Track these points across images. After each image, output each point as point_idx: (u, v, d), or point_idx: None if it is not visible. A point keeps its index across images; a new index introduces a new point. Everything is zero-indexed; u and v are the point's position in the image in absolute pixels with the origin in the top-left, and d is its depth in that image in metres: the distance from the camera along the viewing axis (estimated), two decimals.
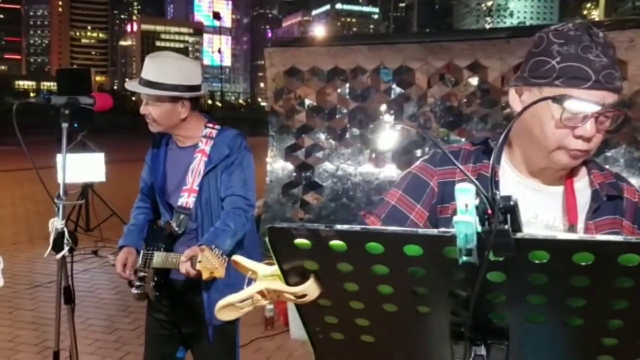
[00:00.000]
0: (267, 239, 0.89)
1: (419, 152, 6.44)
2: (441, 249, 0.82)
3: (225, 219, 2.35)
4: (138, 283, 2.50)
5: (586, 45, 1.18)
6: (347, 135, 6.85)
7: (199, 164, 2.42)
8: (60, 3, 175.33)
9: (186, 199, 2.40)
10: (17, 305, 5.12)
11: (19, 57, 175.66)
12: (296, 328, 4.46)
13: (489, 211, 0.77)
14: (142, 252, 2.50)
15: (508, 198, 0.77)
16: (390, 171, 6.60)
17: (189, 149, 2.49)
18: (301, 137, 7.06)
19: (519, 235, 0.78)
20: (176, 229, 2.41)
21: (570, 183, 1.32)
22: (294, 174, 7.10)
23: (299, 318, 3.38)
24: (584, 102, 1.16)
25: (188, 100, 2.41)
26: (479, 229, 0.77)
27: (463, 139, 6.29)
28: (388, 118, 6.70)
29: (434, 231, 0.81)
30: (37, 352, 4.20)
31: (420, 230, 0.82)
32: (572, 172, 1.33)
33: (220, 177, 2.43)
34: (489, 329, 0.95)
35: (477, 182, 0.78)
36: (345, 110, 6.88)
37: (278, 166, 7.16)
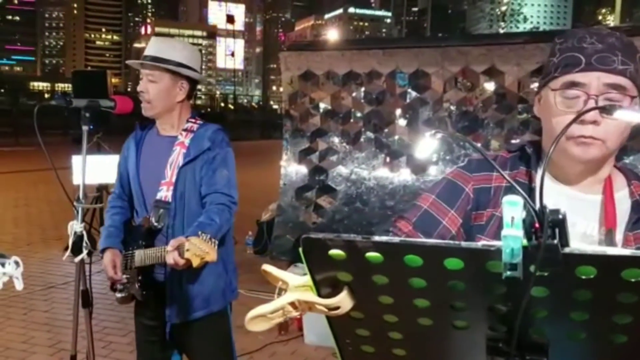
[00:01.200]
0: (300, 249, 0.87)
1: (435, 156, 6.40)
2: (484, 263, 0.79)
3: (209, 213, 2.31)
4: (121, 286, 2.48)
5: (581, 37, 1.23)
6: (362, 139, 6.83)
7: (177, 156, 2.40)
8: (75, 5, 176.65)
9: (165, 193, 2.39)
10: (32, 307, 5.13)
11: (33, 58, 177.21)
12: (310, 333, 4.43)
13: (537, 225, 0.74)
14: (122, 254, 2.47)
15: (557, 212, 0.74)
16: (405, 176, 6.57)
17: (168, 139, 2.46)
18: (315, 140, 7.04)
19: (567, 250, 0.75)
20: (155, 223, 2.39)
21: (609, 192, 1.28)
22: (308, 178, 7.09)
23: (313, 323, 3.40)
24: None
25: (187, 82, 2.42)
26: (526, 243, 0.74)
27: (478, 144, 6.24)
28: (403, 122, 6.67)
29: (478, 245, 0.78)
30: (51, 354, 4.20)
31: (464, 244, 0.79)
32: (611, 182, 1.30)
33: (199, 171, 2.39)
34: (528, 344, 0.91)
35: (525, 195, 0.75)
36: (359, 114, 6.86)
37: (292, 170, 7.15)
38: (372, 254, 0.83)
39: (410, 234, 1.33)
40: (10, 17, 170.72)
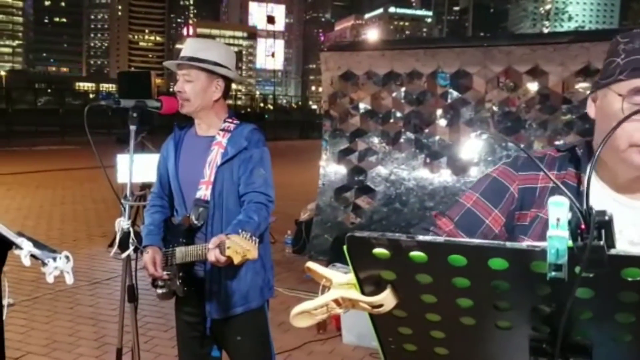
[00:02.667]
0: (344, 247, 0.88)
1: (477, 157, 6.34)
2: (529, 264, 0.79)
3: (247, 212, 2.36)
4: (162, 283, 2.53)
5: None
6: (402, 140, 6.80)
7: (215, 156, 2.45)
8: (119, 7, 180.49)
9: (204, 192, 2.43)
10: (77, 301, 5.27)
11: (79, 59, 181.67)
12: (348, 333, 4.44)
13: (583, 226, 0.74)
14: (162, 251, 2.53)
15: (603, 213, 0.74)
16: (446, 176, 6.52)
17: (206, 139, 2.51)
18: (355, 140, 7.05)
19: (613, 251, 0.75)
20: (195, 222, 2.43)
21: None
22: (347, 178, 7.10)
23: (351, 323, 3.41)
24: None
25: (222, 81, 2.47)
26: (572, 244, 0.74)
27: (522, 145, 6.16)
28: (443, 123, 6.62)
29: (523, 245, 0.78)
30: (96, 347, 4.31)
31: (508, 244, 0.79)
32: None
33: (236, 170, 2.44)
34: (572, 346, 0.91)
35: (570, 195, 0.75)
36: (400, 114, 6.83)
37: (331, 170, 7.17)
38: (416, 253, 0.84)
39: (451, 234, 1.31)
40: (57, 19, 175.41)
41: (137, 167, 2.55)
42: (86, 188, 12.13)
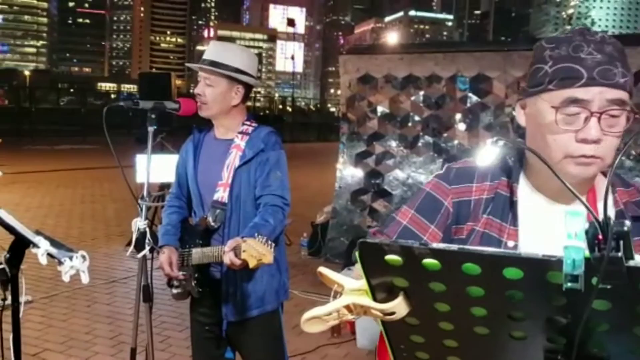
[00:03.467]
0: (356, 253, 0.87)
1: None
2: (544, 274, 0.78)
3: (263, 215, 2.36)
4: (177, 283, 2.54)
5: (577, 45, 1.14)
6: (420, 143, 6.77)
7: (234, 159, 2.45)
8: (142, 9, 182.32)
9: (222, 194, 2.44)
10: (95, 299, 5.31)
11: (102, 60, 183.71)
12: (362, 337, 4.42)
13: (600, 236, 0.72)
14: (178, 251, 2.53)
15: (622, 224, 0.72)
16: None
17: (225, 142, 2.52)
18: (372, 144, 7.03)
19: (631, 263, 0.73)
20: (212, 223, 2.44)
21: (592, 202, 1.22)
22: (364, 181, 7.08)
23: (365, 327, 3.38)
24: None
25: (242, 87, 2.47)
26: (589, 255, 0.73)
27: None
28: (462, 127, 6.58)
29: (539, 255, 0.77)
30: (112, 346, 4.34)
31: (524, 254, 0.78)
32: (594, 192, 1.23)
33: (253, 173, 2.44)
34: (588, 358, 0.89)
35: (588, 206, 0.74)
36: (418, 118, 6.80)
37: (348, 173, 7.16)
38: (429, 261, 0.83)
39: None
40: (80, 20, 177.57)
41: (155, 168, 2.57)
42: (106, 187, 12.25)
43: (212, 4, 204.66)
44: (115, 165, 2.45)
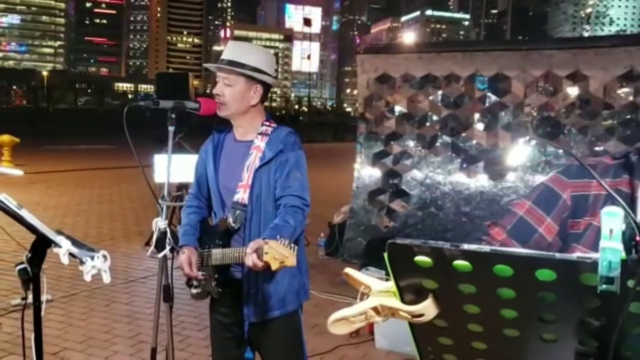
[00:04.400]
0: (385, 254, 0.87)
1: (513, 163, 6.22)
2: (578, 276, 0.77)
3: (284, 216, 2.36)
4: (196, 283, 2.53)
5: None
6: (438, 143, 6.73)
7: (254, 160, 2.45)
8: (158, 9, 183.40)
9: (242, 195, 2.44)
10: (114, 299, 5.34)
11: (119, 60, 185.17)
12: (381, 337, 4.40)
13: (638, 238, 0.70)
14: (198, 251, 2.53)
15: None
16: (482, 181, 6.43)
17: (245, 143, 2.52)
18: (390, 144, 7.00)
19: None
20: (233, 224, 2.44)
21: None
22: (381, 181, 7.06)
23: (384, 328, 3.36)
24: None
25: (261, 87, 2.47)
26: (625, 256, 0.71)
27: (560, 151, 6.03)
28: (481, 126, 6.53)
29: (573, 256, 0.75)
30: (131, 345, 4.36)
31: (558, 255, 0.77)
32: None
33: (273, 173, 2.44)
34: None
35: (625, 205, 0.72)
36: (436, 118, 6.76)
37: (365, 173, 7.14)
38: (460, 263, 0.82)
39: (505, 243, 1.30)
40: (97, 21, 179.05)
41: (174, 168, 2.57)
42: (123, 187, 12.33)
43: (229, 4, 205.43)
44: (133, 165, 2.45)
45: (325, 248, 7.13)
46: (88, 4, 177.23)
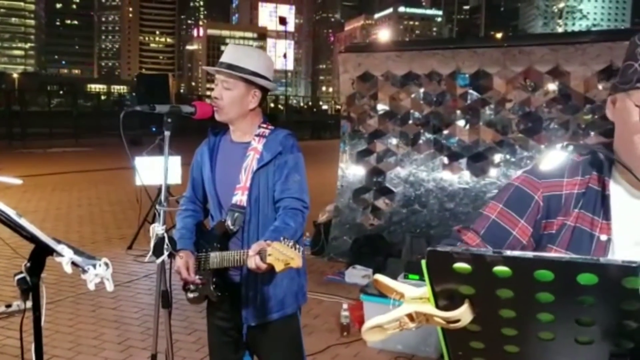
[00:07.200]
0: (423, 262, 0.87)
1: (497, 158, 6.30)
2: (620, 279, 0.77)
3: (284, 218, 2.35)
4: (193, 287, 2.51)
5: None
6: (420, 141, 6.78)
7: (251, 162, 2.44)
8: (130, 9, 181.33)
9: (240, 197, 2.42)
10: (100, 304, 5.28)
11: (91, 61, 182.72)
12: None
13: None
14: (195, 255, 2.51)
15: None
16: (465, 178, 6.48)
17: (242, 145, 2.50)
18: (373, 142, 7.03)
19: None
20: (231, 227, 2.42)
21: None
22: (365, 179, 7.08)
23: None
24: None
25: (260, 91, 2.46)
26: None
27: (542, 146, 6.11)
28: (462, 123, 6.58)
29: (618, 261, 0.76)
30: (120, 351, 4.32)
31: (602, 259, 0.77)
32: None
33: (272, 175, 2.43)
34: None
35: None
36: (418, 115, 6.80)
37: (349, 171, 7.15)
38: (500, 268, 0.82)
39: (479, 247, 1.27)
40: (69, 22, 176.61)
41: (157, 170, 2.54)
42: (102, 190, 12.17)
43: (201, 3, 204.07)
44: (111, 167, 2.42)
45: (311, 247, 7.13)
46: (58, 5, 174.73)
